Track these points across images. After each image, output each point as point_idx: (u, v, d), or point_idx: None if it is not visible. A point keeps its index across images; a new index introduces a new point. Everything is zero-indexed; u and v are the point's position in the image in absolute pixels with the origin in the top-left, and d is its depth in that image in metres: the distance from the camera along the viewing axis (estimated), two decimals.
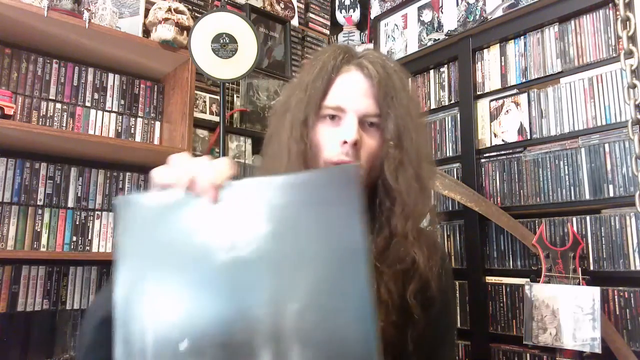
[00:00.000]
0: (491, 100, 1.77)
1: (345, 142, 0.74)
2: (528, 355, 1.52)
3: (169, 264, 0.52)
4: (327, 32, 2.63)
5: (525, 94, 1.66)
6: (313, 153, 0.77)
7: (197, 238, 0.52)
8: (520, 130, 1.66)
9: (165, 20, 1.71)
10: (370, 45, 2.41)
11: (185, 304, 0.51)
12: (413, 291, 0.74)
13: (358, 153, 0.75)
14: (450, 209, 1.84)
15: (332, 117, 0.78)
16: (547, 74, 1.62)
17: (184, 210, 0.53)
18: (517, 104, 1.69)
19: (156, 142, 1.89)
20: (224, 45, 1.63)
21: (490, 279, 1.66)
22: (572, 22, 1.58)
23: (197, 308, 0.50)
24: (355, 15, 2.58)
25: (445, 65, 1.97)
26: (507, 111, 1.71)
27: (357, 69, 0.79)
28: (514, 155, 1.67)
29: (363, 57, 0.81)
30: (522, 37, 1.71)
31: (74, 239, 1.67)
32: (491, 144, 1.75)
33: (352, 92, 0.78)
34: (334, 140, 0.76)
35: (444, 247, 1.07)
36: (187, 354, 0.49)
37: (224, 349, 0.48)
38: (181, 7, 1.79)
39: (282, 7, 2.43)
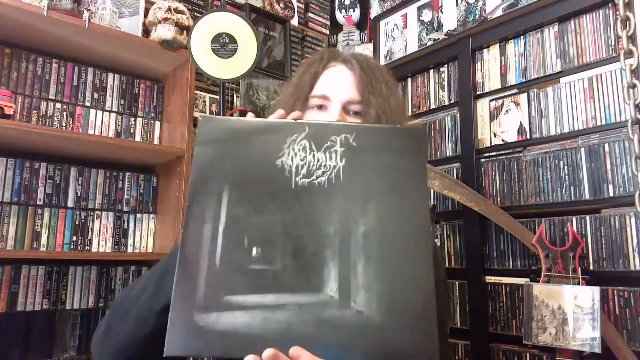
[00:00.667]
0: (491, 100, 1.77)
1: None
2: (528, 355, 1.52)
3: (246, 178, 0.59)
4: (327, 32, 2.63)
5: (525, 94, 1.66)
6: None
7: (277, 161, 0.58)
8: (520, 130, 1.66)
9: (165, 20, 1.71)
10: (370, 46, 2.41)
11: (260, 216, 0.56)
12: None
13: None
14: (450, 209, 1.84)
15: (320, 107, 0.83)
16: (547, 74, 1.62)
17: (266, 135, 0.60)
18: (517, 104, 1.69)
19: (156, 142, 1.89)
20: (224, 45, 1.63)
21: (490, 279, 1.66)
22: (572, 22, 1.58)
23: (271, 220, 0.56)
24: (355, 15, 2.58)
25: (445, 65, 1.97)
26: (507, 111, 1.71)
27: (342, 64, 0.87)
28: (514, 155, 1.67)
29: (349, 55, 0.88)
30: (522, 37, 1.71)
31: (74, 239, 1.67)
32: (491, 144, 1.75)
33: (336, 83, 0.84)
34: None
35: (432, 235, 1.09)
36: (258, 260, 0.54)
37: (294, 257, 0.55)
38: (181, 7, 1.79)
39: (282, 7, 2.43)
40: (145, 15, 1.79)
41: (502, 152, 1.70)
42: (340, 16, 2.61)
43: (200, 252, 0.55)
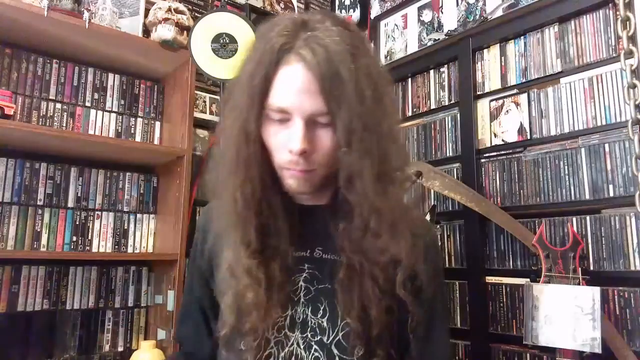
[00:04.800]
0: (491, 100, 1.77)
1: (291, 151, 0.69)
2: (528, 355, 1.52)
3: None
4: None
5: (525, 94, 1.66)
6: (266, 155, 0.73)
7: None
8: (520, 130, 1.66)
9: (165, 20, 1.71)
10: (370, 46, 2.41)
11: None
12: (401, 282, 0.72)
13: (309, 160, 0.70)
14: (450, 209, 1.84)
15: (281, 120, 0.70)
16: (547, 74, 1.62)
17: None
18: (517, 104, 1.69)
19: (156, 142, 1.89)
20: (224, 45, 1.63)
21: (490, 279, 1.66)
22: (572, 22, 1.58)
23: None
24: (355, 15, 2.57)
25: (445, 65, 1.97)
26: (507, 111, 1.71)
27: (298, 61, 0.68)
28: (514, 155, 1.67)
29: (306, 42, 0.68)
30: (522, 37, 1.71)
31: (74, 239, 1.67)
32: (491, 144, 1.75)
33: (294, 92, 0.67)
34: (283, 146, 0.70)
35: (431, 229, 1.02)
36: None
37: None
38: (181, 7, 1.79)
39: (282, 7, 2.43)
40: (145, 15, 1.79)
41: (502, 152, 1.70)
42: (340, 16, 2.61)
43: None
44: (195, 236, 0.92)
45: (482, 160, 1.76)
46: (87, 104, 1.76)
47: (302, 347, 0.74)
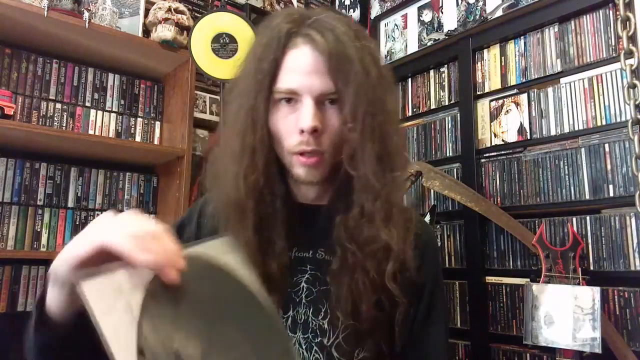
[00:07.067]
0: (491, 100, 1.77)
1: (302, 131, 0.69)
2: (528, 355, 1.52)
3: None
4: None
5: (525, 94, 1.66)
6: (274, 142, 0.73)
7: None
8: (520, 130, 1.66)
9: (165, 20, 1.71)
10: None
11: None
12: (390, 273, 0.71)
13: (319, 139, 0.70)
14: (450, 209, 1.84)
15: (288, 100, 0.71)
16: (547, 74, 1.62)
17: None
18: (517, 104, 1.69)
19: (156, 142, 1.89)
20: (224, 45, 1.64)
21: (490, 279, 1.66)
22: (572, 22, 1.58)
23: None
24: (355, 15, 2.57)
25: (445, 65, 1.97)
26: (507, 111, 1.71)
27: (306, 43, 0.70)
28: (514, 155, 1.67)
29: (312, 26, 0.71)
30: (522, 37, 1.71)
31: None
32: (491, 144, 1.75)
33: (303, 72, 0.69)
34: (292, 129, 0.70)
35: (429, 228, 1.00)
36: None
37: None
38: (181, 7, 1.79)
39: (282, 7, 2.43)
40: (145, 15, 1.79)
41: (502, 152, 1.70)
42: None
43: None
44: (182, 219, 0.86)
45: (482, 160, 1.76)
46: (87, 104, 1.76)
47: (304, 347, 0.74)
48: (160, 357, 0.43)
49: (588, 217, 1.46)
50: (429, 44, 2.07)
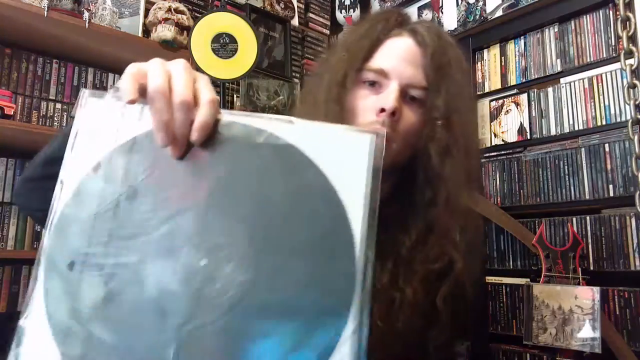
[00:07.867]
0: (491, 100, 1.77)
1: (382, 110, 0.65)
2: (528, 355, 1.52)
3: None
4: (327, 32, 2.63)
5: (525, 94, 1.66)
6: (347, 118, 0.68)
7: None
8: (520, 130, 1.66)
9: (165, 20, 1.71)
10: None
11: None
12: (444, 295, 0.65)
13: (396, 125, 0.66)
14: None
15: (373, 83, 0.68)
16: (547, 74, 1.62)
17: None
18: (517, 104, 1.69)
19: None
20: (224, 45, 1.63)
21: (490, 279, 1.66)
22: (572, 22, 1.58)
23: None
24: (355, 15, 2.57)
25: None
26: (507, 111, 1.71)
27: (410, 35, 0.70)
28: (514, 155, 1.67)
29: (418, 24, 0.73)
30: (522, 37, 1.71)
31: None
32: (491, 144, 1.75)
33: (399, 58, 0.68)
34: (370, 108, 0.67)
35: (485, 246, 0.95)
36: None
37: None
38: (181, 7, 1.79)
39: (282, 7, 2.43)
40: (145, 15, 1.79)
41: (502, 152, 1.70)
42: (340, 16, 2.61)
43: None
44: None
45: (482, 160, 1.76)
46: None
47: None
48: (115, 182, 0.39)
49: (588, 217, 1.46)
50: None
